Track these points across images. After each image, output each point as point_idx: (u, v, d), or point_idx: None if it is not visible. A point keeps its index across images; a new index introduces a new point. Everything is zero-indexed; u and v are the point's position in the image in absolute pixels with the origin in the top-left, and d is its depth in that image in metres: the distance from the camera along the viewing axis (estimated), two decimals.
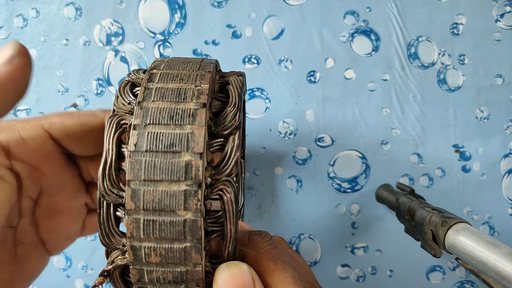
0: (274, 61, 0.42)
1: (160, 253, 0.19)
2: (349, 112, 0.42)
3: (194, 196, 0.19)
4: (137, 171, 0.19)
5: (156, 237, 0.19)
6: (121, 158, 0.20)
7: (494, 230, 0.43)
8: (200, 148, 0.19)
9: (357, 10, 0.42)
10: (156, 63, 0.22)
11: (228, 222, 0.20)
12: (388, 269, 0.42)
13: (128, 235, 0.19)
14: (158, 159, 0.19)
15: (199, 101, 0.20)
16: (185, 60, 0.23)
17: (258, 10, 0.42)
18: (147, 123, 0.19)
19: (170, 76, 0.21)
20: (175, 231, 0.19)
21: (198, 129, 0.19)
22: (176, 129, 0.19)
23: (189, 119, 0.19)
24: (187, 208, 0.19)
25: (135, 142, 0.19)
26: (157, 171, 0.19)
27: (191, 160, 0.19)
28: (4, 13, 0.42)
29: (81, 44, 0.42)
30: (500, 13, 0.43)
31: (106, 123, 0.21)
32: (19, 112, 0.42)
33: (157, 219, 0.19)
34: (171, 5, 0.42)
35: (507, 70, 0.42)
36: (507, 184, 0.42)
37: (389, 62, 0.42)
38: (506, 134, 0.42)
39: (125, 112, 0.21)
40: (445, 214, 0.29)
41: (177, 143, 0.19)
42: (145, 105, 0.20)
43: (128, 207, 0.19)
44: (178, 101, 0.20)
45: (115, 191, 0.20)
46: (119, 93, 0.22)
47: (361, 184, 0.42)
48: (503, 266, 0.24)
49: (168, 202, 0.19)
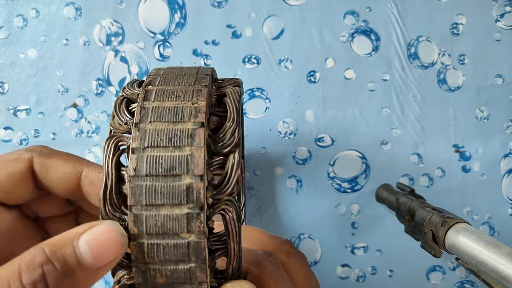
0: (274, 61, 0.42)
1: (165, 274, 0.19)
2: (349, 112, 0.42)
3: (196, 218, 0.18)
4: (138, 196, 0.19)
5: (160, 260, 0.19)
6: (121, 181, 0.20)
7: (494, 230, 0.43)
8: (200, 170, 0.19)
9: (357, 10, 0.42)
10: (151, 77, 0.22)
11: (232, 241, 0.20)
12: (388, 269, 0.42)
13: (132, 258, 0.19)
14: (158, 183, 0.19)
15: (197, 120, 0.19)
16: (180, 72, 0.22)
17: (258, 10, 0.42)
18: (146, 146, 0.19)
19: (166, 93, 0.21)
20: (179, 253, 0.19)
21: (198, 150, 0.19)
22: (175, 151, 0.19)
23: (187, 140, 0.19)
24: (190, 231, 0.19)
25: (135, 167, 0.19)
26: (158, 196, 0.19)
27: (192, 183, 0.19)
28: (4, 13, 0.42)
29: (81, 44, 0.42)
30: (500, 13, 0.43)
31: (104, 146, 0.20)
32: (19, 112, 0.42)
33: (160, 242, 0.19)
34: (171, 5, 0.42)
35: (507, 70, 0.42)
36: (507, 184, 0.42)
37: (389, 62, 0.42)
38: (506, 134, 0.42)
39: (122, 132, 0.21)
40: (445, 214, 0.29)
41: (177, 166, 0.19)
42: (142, 126, 0.19)
43: (131, 232, 0.19)
44: (175, 121, 0.20)
45: (117, 215, 0.20)
46: (115, 111, 0.21)
47: (361, 184, 0.42)
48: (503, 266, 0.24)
49: (171, 226, 0.18)
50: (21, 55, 0.42)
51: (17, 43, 0.42)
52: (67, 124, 0.42)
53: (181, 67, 0.23)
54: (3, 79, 0.42)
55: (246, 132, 0.42)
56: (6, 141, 0.42)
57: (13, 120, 0.42)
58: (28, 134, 0.42)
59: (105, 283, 0.42)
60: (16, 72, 0.42)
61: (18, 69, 0.42)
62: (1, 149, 0.42)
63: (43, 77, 0.42)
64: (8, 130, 0.42)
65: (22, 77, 0.42)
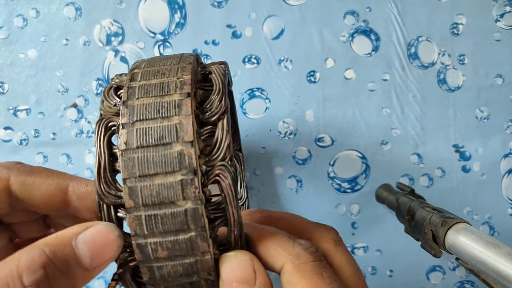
0: (274, 61, 0.42)
1: (166, 246, 0.19)
2: (349, 112, 0.42)
3: (191, 184, 0.19)
4: (131, 168, 0.19)
5: (160, 231, 0.19)
6: (114, 160, 0.20)
7: (494, 230, 0.43)
8: (190, 137, 0.19)
9: (357, 10, 0.42)
10: (137, 63, 0.22)
11: (230, 206, 0.20)
12: (388, 269, 0.42)
13: (132, 233, 0.19)
14: (150, 153, 0.19)
15: (183, 91, 0.20)
16: (165, 57, 0.23)
17: (258, 10, 0.42)
18: (135, 120, 0.19)
19: (152, 72, 0.21)
20: (178, 222, 0.19)
21: (186, 118, 0.19)
22: (164, 121, 0.19)
23: (175, 110, 0.19)
24: (186, 197, 0.19)
25: (125, 141, 0.19)
26: (151, 165, 0.19)
27: (183, 149, 0.19)
28: (4, 13, 0.42)
29: (81, 44, 0.42)
30: (500, 13, 0.43)
31: (95, 128, 0.21)
32: (19, 112, 0.42)
33: (158, 212, 0.19)
34: (171, 5, 0.42)
35: (507, 70, 0.42)
36: (507, 184, 0.42)
37: (389, 62, 0.42)
38: (506, 134, 0.42)
39: (112, 114, 0.21)
40: (445, 214, 0.29)
41: (167, 134, 0.19)
42: (130, 103, 0.20)
43: (127, 206, 0.19)
44: (162, 94, 0.20)
45: (113, 192, 0.20)
46: (103, 97, 0.22)
47: (361, 184, 0.42)
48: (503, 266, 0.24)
49: (166, 194, 0.19)
50: (21, 55, 0.42)
51: (17, 43, 0.42)
52: (67, 124, 0.42)
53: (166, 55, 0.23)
54: (3, 79, 0.42)
55: (246, 132, 0.42)
56: (6, 141, 0.42)
57: (13, 120, 0.42)
58: (28, 134, 0.42)
59: (105, 283, 0.42)
60: (16, 72, 0.42)
61: (18, 69, 0.42)
62: (1, 149, 0.42)
63: (43, 77, 0.42)
64: (8, 130, 0.42)
65: (22, 77, 0.42)
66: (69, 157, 0.42)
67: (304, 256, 0.20)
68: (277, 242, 0.21)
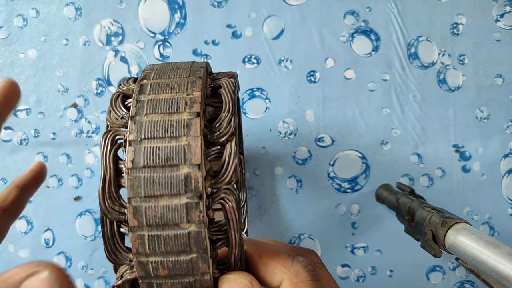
0: (274, 61, 0.42)
1: (167, 266, 0.19)
2: (349, 112, 0.42)
3: (196, 208, 0.18)
4: (136, 188, 0.18)
5: (162, 251, 0.19)
6: (119, 174, 0.20)
7: (494, 230, 0.43)
8: (197, 159, 0.19)
9: (357, 10, 0.42)
10: (146, 72, 0.22)
11: (232, 229, 0.20)
12: (388, 269, 0.42)
13: (134, 251, 0.19)
14: (156, 174, 0.19)
15: (192, 110, 0.20)
16: (175, 66, 0.22)
17: (258, 10, 0.42)
18: (142, 138, 0.19)
19: (161, 85, 0.21)
20: (180, 244, 0.19)
21: (194, 140, 0.19)
22: (172, 141, 0.19)
23: (184, 130, 0.19)
24: (190, 221, 0.19)
25: (132, 159, 0.19)
26: (157, 186, 0.18)
27: (190, 172, 0.19)
28: (4, 13, 0.42)
29: (81, 44, 0.42)
30: (500, 13, 0.43)
31: (101, 140, 0.20)
32: (19, 112, 0.42)
33: (161, 233, 0.19)
34: (171, 5, 0.42)
35: (507, 70, 0.42)
36: (507, 184, 0.42)
37: (389, 62, 0.42)
38: (506, 134, 0.42)
39: (119, 127, 0.21)
40: (445, 214, 0.29)
41: (174, 156, 0.19)
42: (138, 119, 0.19)
43: (131, 224, 0.19)
44: (171, 112, 0.20)
45: (117, 208, 0.20)
46: (111, 107, 0.21)
47: (361, 184, 0.42)
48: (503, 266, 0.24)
49: (170, 216, 0.18)
50: (21, 55, 0.42)
51: (17, 43, 0.42)
52: (67, 124, 0.42)
53: (176, 62, 0.23)
54: None
55: (246, 132, 0.42)
56: (6, 141, 0.42)
57: (13, 120, 0.42)
58: (28, 134, 0.42)
59: (105, 283, 0.42)
60: (16, 72, 0.42)
61: (18, 69, 0.42)
62: (1, 149, 0.42)
63: (43, 77, 0.42)
64: (8, 130, 0.42)
65: (22, 77, 0.42)
66: (69, 157, 0.42)
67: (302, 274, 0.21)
68: (276, 259, 0.21)
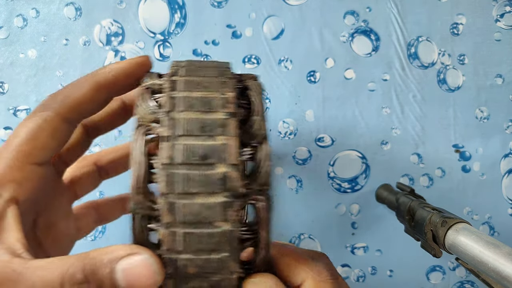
0: (274, 61, 0.42)
1: (197, 264, 0.19)
2: (349, 112, 0.42)
3: (231, 207, 0.19)
4: (172, 184, 0.18)
5: (193, 249, 0.19)
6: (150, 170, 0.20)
7: (494, 230, 0.42)
8: (234, 159, 0.19)
9: (357, 10, 0.42)
10: (174, 68, 0.22)
11: (263, 230, 0.20)
12: (388, 269, 0.42)
13: (165, 248, 0.19)
14: (192, 171, 0.19)
15: (227, 110, 0.20)
16: (201, 64, 0.23)
17: (258, 10, 0.42)
18: (179, 135, 0.19)
19: (193, 83, 0.21)
20: (213, 242, 0.19)
21: (230, 140, 0.19)
22: (208, 140, 0.19)
23: (220, 129, 0.19)
24: (225, 220, 0.19)
25: (169, 155, 0.19)
26: (193, 184, 0.19)
27: (227, 171, 0.19)
28: (4, 13, 0.42)
29: (81, 44, 0.42)
30: (500, 13, 0.43)
31: (134, 134, 0.20)
32: (19, 112, 0.42)
33: (194, 231, 0.19)
34: (171, 5, 0.42)
35: (507, 70, 0.42)
36: (507, 184, 0.42)
37: (389, 62, 0.42)
38: (506, 134, 0.42)
39: (149, 122, 0.21)
40: (445, 214, 0.29)
41: (211, 154, 0.19)
42: (174, 115, 0.19)
43: (165, 221, 0.19)
44: (206, 110, 0.20)
45: (148, 204, 0.19)
46: (140, 101, 0.21)
47: (361, 184, 0.42)
48: (503, 266, 0.24)
49: (205, 215, 0.19)
50: (21, 55, 0.42)
51: (17, 43, 0.42)
52: None
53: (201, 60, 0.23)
54: (3, 79, 0.42)
55: None
56: None
57: (13, 120, 0.42)
58: None
59: None
60: (16, 72, 0.42)
61: (18, 69, 0.42)
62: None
63: (43, 77, 0.42)
64: (8, 130, 0.42)
65: (22, 77, 0.42)
66: None
67: (324, 273, 0.21)
68: (298, 259, 0.22)
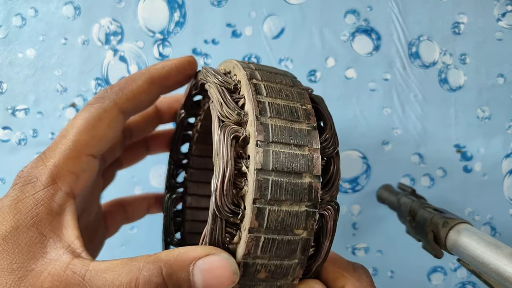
0: (274, 61, 0.42)
1: (269, 269, 0.19)
2: (350, 112, 0.42)
3: (312, 216, 0.19)
4: (263, 190, 0.19)
5: (270, 255, 0.19)
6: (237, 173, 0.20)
7: (496, 230, 0.42)
8: (318, 171, 0.20)
9: (358, 9, 0.42)
10: (248, 70, 0.22)
11: (326, 239, 0.21)
12: (389, 270, 0.42)
13: (245, 252, 0.19)
14: (283, 179, 0.19)
15: (310, 122, 0.21)
16: (272, 71, 0.23)
17: (258, 9, 0.42)
18: (270, 141, 0.19)
19: (275, 90, 0.21)
20: (290, 249, 0.19)
21: (315, 151, 0.20)
22: (297, 150, 0.20)
23: (306, 140, 0.20)
24: (305, 228, 0.19)
25: (261, 160, 0.19)
26: (283, 191, 0.19)
27: (312, 182, 0.19)
28: (3, 12, 0.42)
29: (80, 43, 0.42)
30: (502, 12, 0.42)
31: (220, 134, 0.20)
32: (17, 112, 0.42)
33: (276, 237, 0.19)
34: (171, 4, 0.42)
35: (509, 70, 0.42)
36: (509, 184, 0.42)
37: (390, 62, 0.42)
38: (507, 134, 0.42)
39: (233, 123, 0.20)
40: (446, 215, 0.29)
41: (299, 164, 0.19)
42: (264, 120, 0.20)
43: (251, 226, 0.19)
44: (292, 120, 0.20)
45: (232, 207, 0.19)
46: (223, 100, 0.21)
47: (362, 185, 0.42)
48: (505, 267, 0.23)
49: (289, 222, 0.19)
50: (19, 55, 0.42)
51: (15, 42, 0.42)
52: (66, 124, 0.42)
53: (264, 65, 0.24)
54: (2, 79, 0.42)
55: None
56: (5, 141, 0.42)
57: (12, 120, 0.42)
58: (26, 134, 0.42)
59: None
60: (15, 72, 0.42)
61: (17, 68, 0.42)
62: (0, 149, 0.41)
63: (42, 77, 0.42)
64: (7, 130, 0.42)
65: (20, 77, 0.42)
66: None
67: (364, 279, 0.22)
68: (339, 265, 0.23)
